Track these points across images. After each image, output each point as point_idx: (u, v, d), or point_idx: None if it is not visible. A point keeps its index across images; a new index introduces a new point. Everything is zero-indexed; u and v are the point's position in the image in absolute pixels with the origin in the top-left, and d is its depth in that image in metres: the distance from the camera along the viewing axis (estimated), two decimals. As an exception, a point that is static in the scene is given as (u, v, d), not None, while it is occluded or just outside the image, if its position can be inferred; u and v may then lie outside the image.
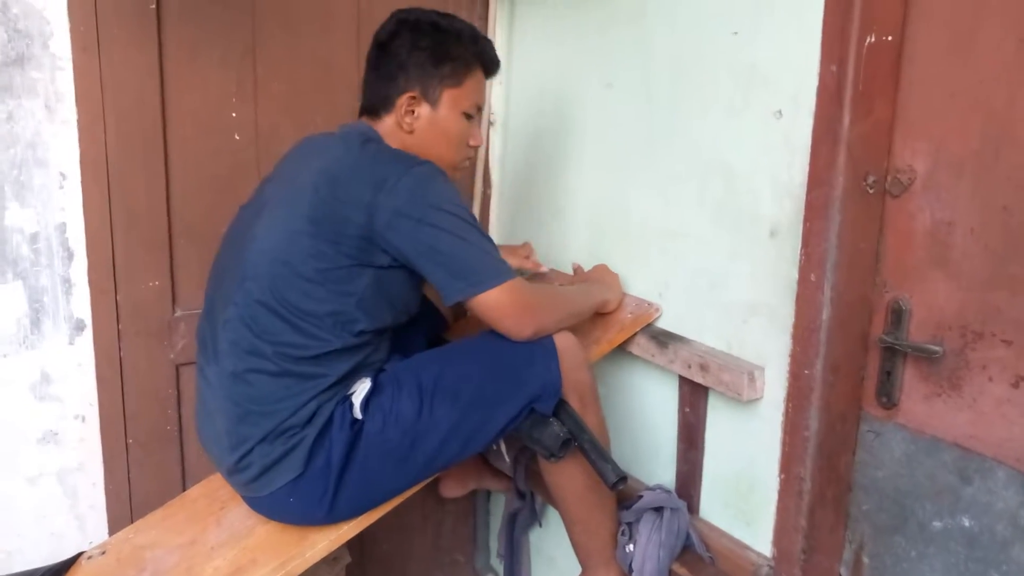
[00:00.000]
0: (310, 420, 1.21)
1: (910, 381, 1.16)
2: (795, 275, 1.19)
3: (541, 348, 1.24)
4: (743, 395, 1.24)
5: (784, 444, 1.24)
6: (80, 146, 1.44)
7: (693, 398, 1.38)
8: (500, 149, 1.89)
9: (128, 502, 1.58)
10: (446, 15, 1.35)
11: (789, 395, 1.22)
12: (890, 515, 1.20)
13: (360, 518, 1.27)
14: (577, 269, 1.60)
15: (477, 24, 1.81)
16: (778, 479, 1.25)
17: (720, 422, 1.36)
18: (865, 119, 1.11)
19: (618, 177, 1.54)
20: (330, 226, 1.18)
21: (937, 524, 1.14)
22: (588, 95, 1.59)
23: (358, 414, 1.23)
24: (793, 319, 1.20)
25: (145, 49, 1.47)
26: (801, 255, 1.18)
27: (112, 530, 1.56)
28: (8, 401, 1.46)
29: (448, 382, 1.24)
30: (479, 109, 1.39)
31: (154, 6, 1.46)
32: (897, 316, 1.15)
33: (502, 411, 1.24)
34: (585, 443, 1.22)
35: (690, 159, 1.37)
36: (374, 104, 1.32)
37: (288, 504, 1.24)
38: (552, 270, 1.65)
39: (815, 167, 1.15)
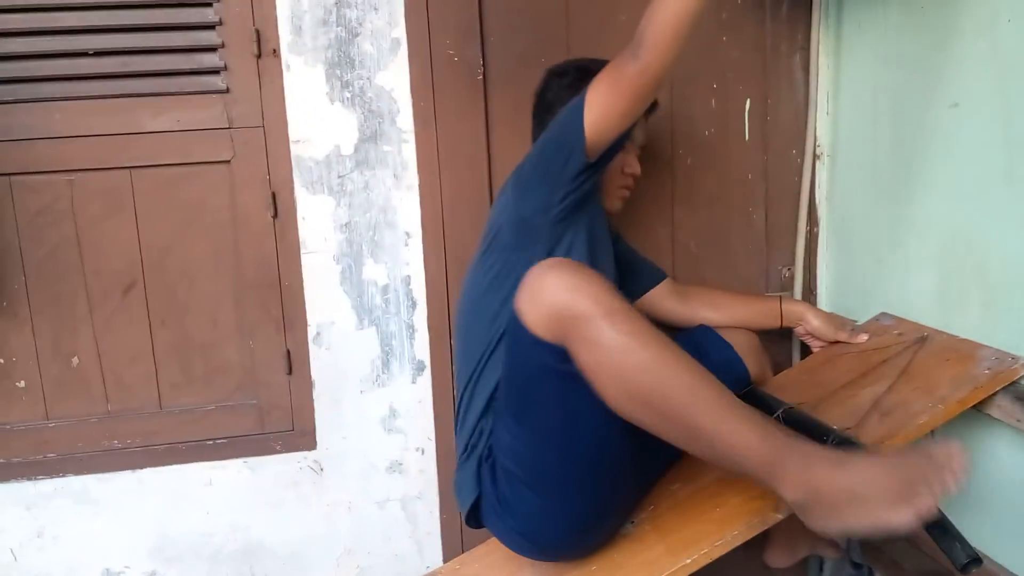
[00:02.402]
0: (479, 432, 1.24)
1: None
2: None
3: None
4: None
5: None
6: (421, 208, 1.62)
7: (1076, 477, 1.12)
8: (827, 184, 1.74)
9: (460, 531, 1.71)
10: (596, 60, 1.31)
11: None
12: None
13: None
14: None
15: (798, 56, 1.71)
16: None
17: (1117, 509, 1.09)
18: None
19: (971, 209, 1.32)
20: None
21: None
22: (929, 118, 1.40)
23: None
24: None
25: (474, 116, 1.61)
26: None
27: (446, 556, 1.69)
28: (365, 433, 1.67)
29: None
30: (630, 139, 1.39)
31: (480, 76, 1.59)
32: None
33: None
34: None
35: (1065, 184, 1.13)
36: None
37: (496, 524, 1.23)
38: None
39: None
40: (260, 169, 1.58)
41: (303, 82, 1.56)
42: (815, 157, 1.72)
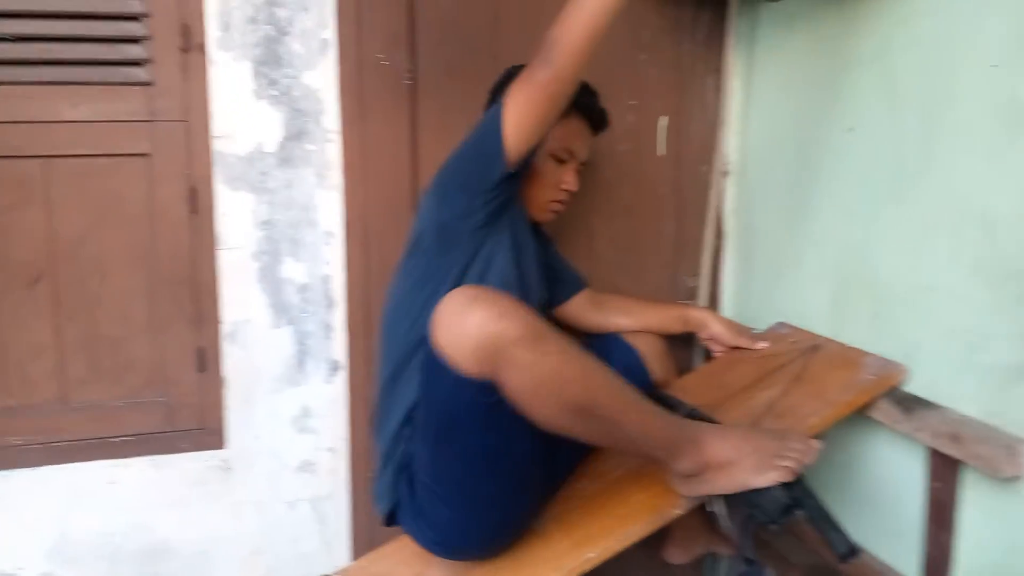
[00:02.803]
0: (397, 441, 1.25)
1: None
2: (1072, 336, 1.02)
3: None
4: (1001, 471, 1.06)
5: (1061, 536, 1.05)
6: (345, 208, 1.63)
7: (944, 472, 1.21)
8: (735, 200, 1.83)
9: (369, 531, 1.71)
10: None
11: (1065, 476, 1.03)
12: None
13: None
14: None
15: (711, 77, 1.80)
16: (1055, 578, 1.05)
17: (977, 501, 1.18)
18: None
19: (862, 227, 1.43)
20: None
21: None
22: (828, 141, 1.51)
23: None
24: (1071, 387, 1.02)
25: (400, 120, 1.64)
26: (1079, 312, 1.01)
27: (355, 556, 1.69)
28: (276, 432, 1.66)
29: None
30: (571, 154, 1.43)
31: (409, 82, 1.63)
32: None
33: None
34: (813, 510, 1.12)
35: (943, 207, 1.24)
36: None
37: (412, 528, 1.25)
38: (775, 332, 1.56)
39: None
40: (180, 164, 1.57)
41: (229, 78, 1.56)
42: (724, 174, 1.81)
